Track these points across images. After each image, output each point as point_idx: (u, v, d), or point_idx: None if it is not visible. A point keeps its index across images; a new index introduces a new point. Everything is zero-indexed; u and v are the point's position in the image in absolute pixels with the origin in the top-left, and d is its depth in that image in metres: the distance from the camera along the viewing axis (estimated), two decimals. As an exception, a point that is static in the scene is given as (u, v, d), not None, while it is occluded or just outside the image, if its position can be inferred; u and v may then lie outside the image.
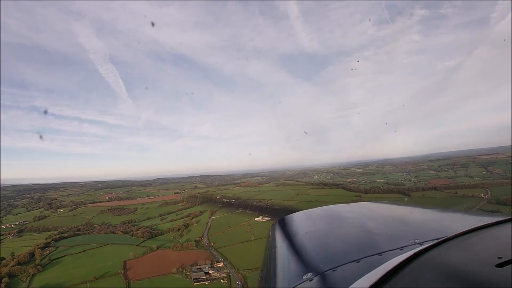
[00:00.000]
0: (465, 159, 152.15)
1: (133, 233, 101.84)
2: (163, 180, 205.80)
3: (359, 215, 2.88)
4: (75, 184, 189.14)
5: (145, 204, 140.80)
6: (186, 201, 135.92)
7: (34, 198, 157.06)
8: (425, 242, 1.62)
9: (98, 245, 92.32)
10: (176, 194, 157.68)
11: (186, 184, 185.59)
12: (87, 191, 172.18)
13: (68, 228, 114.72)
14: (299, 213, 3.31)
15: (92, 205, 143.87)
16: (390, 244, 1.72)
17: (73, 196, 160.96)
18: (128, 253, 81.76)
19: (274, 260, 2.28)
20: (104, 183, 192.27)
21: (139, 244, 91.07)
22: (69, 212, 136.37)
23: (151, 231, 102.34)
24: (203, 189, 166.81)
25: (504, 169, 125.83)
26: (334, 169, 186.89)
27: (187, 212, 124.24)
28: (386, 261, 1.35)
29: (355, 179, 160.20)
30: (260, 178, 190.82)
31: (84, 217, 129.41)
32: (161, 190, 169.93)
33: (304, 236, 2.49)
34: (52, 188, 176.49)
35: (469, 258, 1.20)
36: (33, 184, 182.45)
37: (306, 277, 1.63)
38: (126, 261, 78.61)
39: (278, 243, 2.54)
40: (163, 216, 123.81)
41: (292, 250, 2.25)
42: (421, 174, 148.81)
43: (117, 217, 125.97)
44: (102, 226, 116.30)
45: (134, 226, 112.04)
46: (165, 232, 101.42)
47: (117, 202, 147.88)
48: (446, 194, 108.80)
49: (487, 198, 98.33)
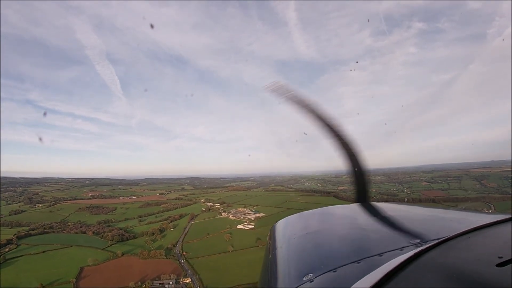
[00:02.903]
0: (458, 172, 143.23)
1: (103, 235, 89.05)
2: (152, 180, 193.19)
3: (358, 216, 2.73)
4: (62, 179, 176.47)
5: (126, 204, 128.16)
6: (168, 203, 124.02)
7: (17, 191, 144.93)
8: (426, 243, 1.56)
9: (62, 246, 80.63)
10: (160, 195, 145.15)
11: (174, 185, 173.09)
12: (72, 187, 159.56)
13: (40, 224, 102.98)
14: (299, 214, 3.08)
15: (72, 202, 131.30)
16: (390, 244, 1.66)
17: (56, 192, 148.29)
18: (88, 259, 69.10)
19: (274, 262, 2.17)
20: (92, 181, 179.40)
21: (105, 248, 78.91)
22: (47, 208, 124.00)
23: (124, 234, 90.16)
24: (190, 191, 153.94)
25: (499, 183, 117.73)
26: (325, 176, 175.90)
27: (167, 214, 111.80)
28: (386, 262, 1.31)
29: (346, 188, 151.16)
30: (250, 182, 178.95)
31: (61, 214, 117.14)
32: (146, 190, 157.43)
33: (304, 237, 2.38)
34: (37, 183, 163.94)
35: (469, 258, 1.17)
36: (19, 178, 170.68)
37: (307, 278, 1.57)
38: (83, 268, 66.62)
39: (278, 245, 2.41)
40: (142, 217, 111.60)
41: (292, 251, 2.16)
42: (414, 185, 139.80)
43: (94, 216, 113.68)
44: (75, 225, 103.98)
45: (109, 227, 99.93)
46: (138, 236, 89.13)
47: (98, 200, 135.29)
48: (445, 207, 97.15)
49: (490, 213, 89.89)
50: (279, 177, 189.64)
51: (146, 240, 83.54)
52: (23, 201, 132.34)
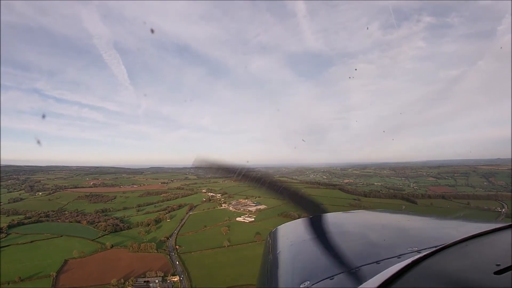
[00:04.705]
0: (465, 168, 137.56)
1: (97, 224, 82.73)
2: (157, 169, 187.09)
3: (356, 223, 2.72)
4: (66, 168, 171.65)
5: (126, 192, 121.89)
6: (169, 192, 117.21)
7: (20, 179, 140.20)
8: (423, 250, 1.52)
9: (52, 236, 74.92)
10: (162, 184, 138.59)
11: (178, 174, 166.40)
12: (76, 176, 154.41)
13: (36, 213, 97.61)
14: (297, 221, 2.96)
15: (72, 190, 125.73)
16: (388, 252, 1.63)
17: (59, 180, 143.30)
18: (74, 250, 62.68)
19: (272, 268, 2.17)
20: (96, 169, 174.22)
21: (96, 239, 72.79)
22: (46, 196, 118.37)
23: (118, 224, 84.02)
24: (193, 180, 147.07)
25: (506, 181, 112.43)
26: (331, 169, 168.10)
27: (167, 204, 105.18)
28: (384, 269, 1.27)
29: (352, 181, 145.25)
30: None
31: (59, 202, 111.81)
32: (149, 179, 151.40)
33: (302, 244, 2.33)
34: (41, 171, 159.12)
35: (467, 266, 1.15)
36: (24, 166, 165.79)
37: (304, 286, 1.53)
38: (68, 260, 60.06)
39: (276, 251, 2.38)
40: (140, 207, 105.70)
41: (289, 258, 2.14)
42: (420, 180, 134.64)
43: (92, 205, 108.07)
44: (71, 214, 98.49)
45: (105, 216, 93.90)
46: (133, 227, 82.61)
47: (99, 188, 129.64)
48: (457, 205, 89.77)
49: (505, 212, 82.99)
50: (284, 168, 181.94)
51: (139, 232, 76.91)
52: (24, 189, 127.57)
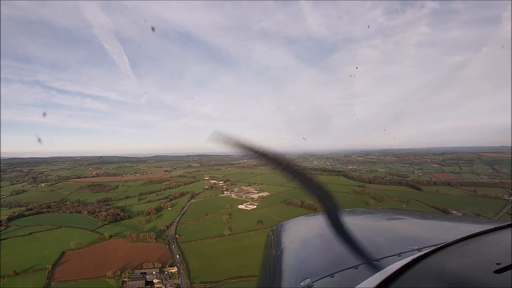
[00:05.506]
0: (469, 155, 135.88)
1: (97, 214, 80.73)
2: (160, 157, 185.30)
3: (357, 222, 2.62)
4: (70, 158, 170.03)
5: (128, 181, 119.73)
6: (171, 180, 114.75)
7: (23, 171, 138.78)
8: (424, 248, 1.51)
9: (51, 227, 73.09)
10: (165, 172, 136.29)
11: (181, 162, 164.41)
12: (79, 166, 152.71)
13: (38, 204, 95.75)
14: (298, 218, 2.99)
15: (74, 180, 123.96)
16: (388, 250, 1.61)
17: (62, 171, 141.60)
18: (71, 242, 60.56)
19: (272, 266, 2.15)
20: (100, 159, 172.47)
21: (95, 230, 70.83)
22: (49, 187, 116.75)
23: (119, 214, 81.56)
24: (196, 168, 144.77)
25: (510, 169, 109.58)
26: (334, 155, 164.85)
27: (169, 192, 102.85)
28: (384, 268, 1.28)
29: (355, 167, 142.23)
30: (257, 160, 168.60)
31: (61, 193, 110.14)
32: (152, 168, 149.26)
33: (302, 242, 2.33)
34: (45, 162, 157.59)
35: (467, 265, 1.14)
36: (28, 158, 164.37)
37: (304, 284, 1.53)
38: (65, 252, 58.03)
39: (276, 249, 2.35)
40: (142, 195, 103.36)
41: (290, 256, 2.13)
42: (425, 167, 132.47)
43: (94, 195, 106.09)
44: (73, 204, 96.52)
45: (107, 206, 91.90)
46: (134, 216, 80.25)
47: (102, 178, 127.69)
48: (463, 192, 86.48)
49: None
50: (287, 155, 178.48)
51: (140, 221, 74.63)
52: (27, 181, 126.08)
